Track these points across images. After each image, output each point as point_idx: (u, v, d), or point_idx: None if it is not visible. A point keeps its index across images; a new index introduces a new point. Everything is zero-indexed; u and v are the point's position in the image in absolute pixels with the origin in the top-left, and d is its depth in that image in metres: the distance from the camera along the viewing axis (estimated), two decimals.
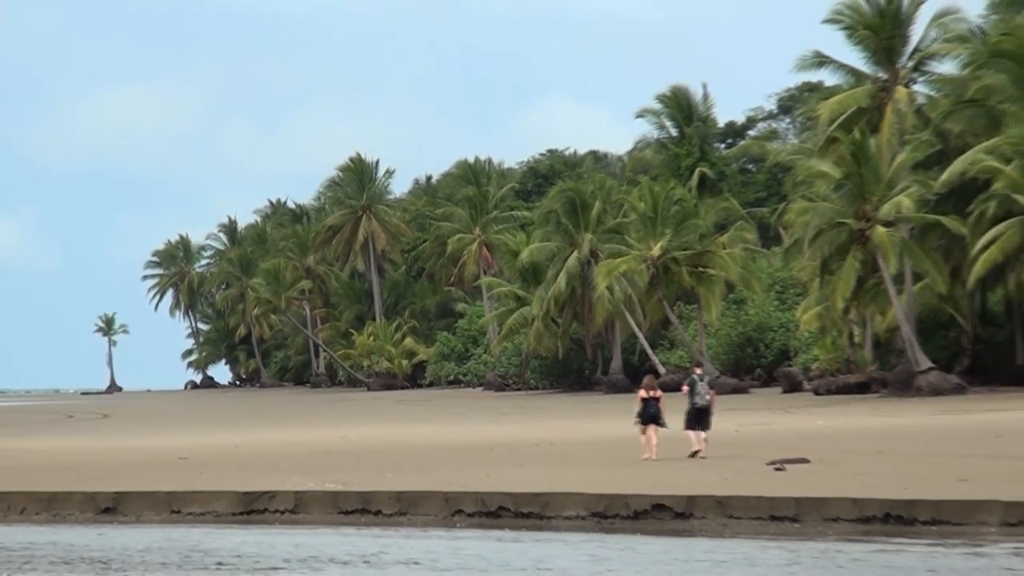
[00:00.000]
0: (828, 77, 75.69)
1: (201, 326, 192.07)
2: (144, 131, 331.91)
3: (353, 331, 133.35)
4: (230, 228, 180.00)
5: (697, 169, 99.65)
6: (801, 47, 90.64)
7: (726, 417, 48.08)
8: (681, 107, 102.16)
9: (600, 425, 50.63)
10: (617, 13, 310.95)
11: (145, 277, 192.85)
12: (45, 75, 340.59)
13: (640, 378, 35.33)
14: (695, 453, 32.75)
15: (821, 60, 70.14)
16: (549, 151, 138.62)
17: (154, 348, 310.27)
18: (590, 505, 25.45)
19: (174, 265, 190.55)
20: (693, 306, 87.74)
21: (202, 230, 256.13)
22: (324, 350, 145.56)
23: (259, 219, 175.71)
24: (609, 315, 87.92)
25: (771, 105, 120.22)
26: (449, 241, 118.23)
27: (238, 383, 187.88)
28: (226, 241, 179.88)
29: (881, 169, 65.66)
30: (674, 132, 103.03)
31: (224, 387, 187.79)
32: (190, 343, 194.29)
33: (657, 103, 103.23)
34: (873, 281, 66.40)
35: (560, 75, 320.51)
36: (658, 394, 33.23)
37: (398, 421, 62.52)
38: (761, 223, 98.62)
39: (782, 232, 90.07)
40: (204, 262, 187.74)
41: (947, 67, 69.23)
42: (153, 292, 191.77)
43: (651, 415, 32.91)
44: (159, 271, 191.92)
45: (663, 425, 33.02)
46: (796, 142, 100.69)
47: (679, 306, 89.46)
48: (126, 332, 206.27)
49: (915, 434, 40.75)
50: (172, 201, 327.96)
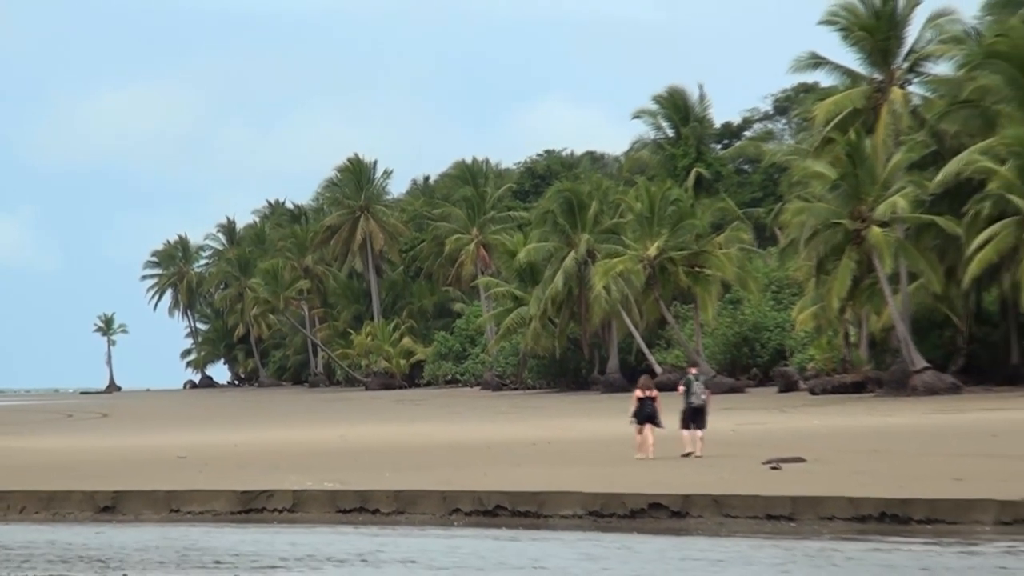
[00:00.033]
0: (824, 78, 75.86)
1: (200, 326, 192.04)
2: (144, 131, 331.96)
3: (351, 331, 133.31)
4: (229, 228, 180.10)
5: (693, 169, 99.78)
6: (797, 48, 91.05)
7: (722, 416, 48.20)
8: (677, 108, 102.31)
9: (597, 424, 50.72)
10: (615, 14, 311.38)
11: (144, 277, 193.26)
12: (45, 75, 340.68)
13: (637, 378, 35.47)
14: (688, 454, 32.90)
15: (817, 61, 70.29)
16: (546, 152, 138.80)
17: (153, 348, 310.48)
18: (587, 504, 25.46)
19: (173, 265, 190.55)
20: (689, 306, 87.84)
21: (202, 230, 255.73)
22: (322, 350, 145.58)
23: (257, 219, 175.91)
24: (606, 315, 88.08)
25: (767, 106, 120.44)
26: (447, 241, 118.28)
27: (236, 383, 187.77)
28: (225, 241, 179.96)
29: (876, 170, 65.76)
30: (670, 133, 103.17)
31: (223, 386, 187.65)
32: (189, 343, 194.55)
33: (653, 104, 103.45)
34: (869, 281, 66.55)
35: (558, 76, 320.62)
36: (654, 394, 33.37)
37: (396, 420, 62.60)
38: (757, 223, 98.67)
39: (778, 232, 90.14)
40: (203, 262, 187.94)
41: (942, 68, 69.45)
42: (152, 292, 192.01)
43: (647, 415, 33.09)
44: (158, 271, 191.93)
45: (660, 425, 33.18)
46: (792, 143, 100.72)
47: (675, 306, 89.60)
48: (125, 332, 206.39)
49: (910, 433, 40.86)
50: (172, 201, 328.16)
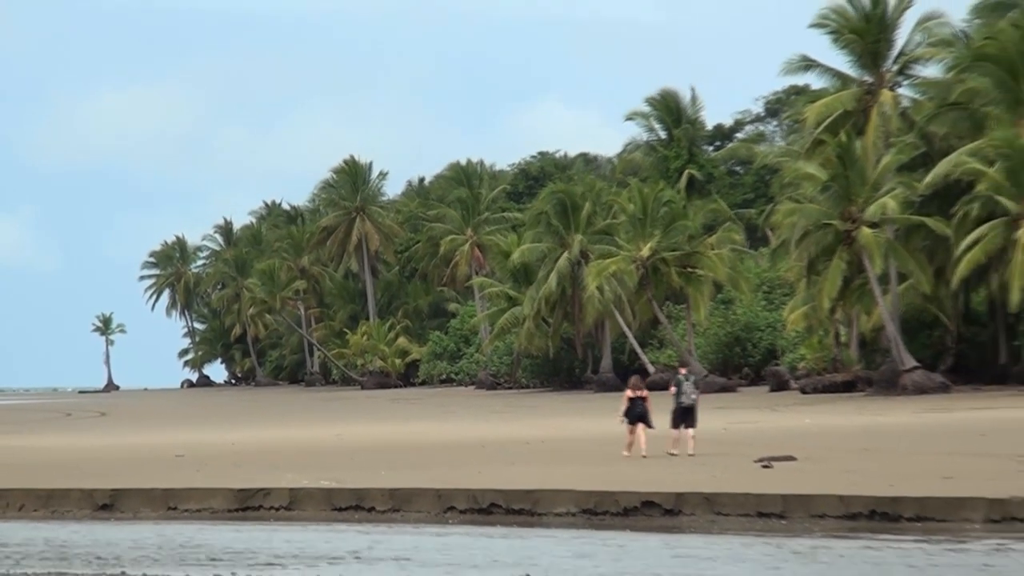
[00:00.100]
0: (814, 80, 75.92)
1: (197, 326, 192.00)
2: (144, 132, 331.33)
3: (347, 330, 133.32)
4: (226, 229, 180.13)
5: (686, 171, 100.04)
6: (788, 51, 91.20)
7: (714, 415, 48.50)
8: (670, 110, 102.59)
9: (590, 423, 50.78)
10: (615, 15, 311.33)
11: (142, 277, 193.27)
12: (45, 75, 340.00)
13: (629, 377, 35.77)
14: (673, 454, 33.14)
15: (807, 64, 70.48)
16: (540, 153, 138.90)
17: (151, 347, 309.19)
18: (580, 502, 25.58)
19: (170, 266, 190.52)
20: (682, 306, 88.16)
21: (202, 230, 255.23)
22: (318, 349, 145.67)
23: (254, 220, 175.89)
24: (599, 315, 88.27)
25: (758, 108, 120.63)
26: (441, 242, 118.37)
27: (233, 382, 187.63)
28: (222, 242, 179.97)
29: (866, 171, 66.01)
30: (663, 135, 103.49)
31: (220, 386, 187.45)
32: (186, 342, 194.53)
33: (646, 106, 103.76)
34: (859, 281, 66.83)
35: (558, 76, 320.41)
36: (644, 394, 33.60)
37: (391, 419, 62.68)
38: (749, 224, 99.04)
39: (769, 233, 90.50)
40: (200, 263, 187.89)
41: (931, 71, 69.70)
42: (150, 292, 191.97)
43: (638, 414, 33.40)
44: (156, 271, 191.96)
45: (650, 425, 33.46)
46: (783, 145, 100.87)
47: (668, 306, 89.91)
48: (123, 331, 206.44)
49: (900, 432, 40.99)
50: (171, 202, 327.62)
